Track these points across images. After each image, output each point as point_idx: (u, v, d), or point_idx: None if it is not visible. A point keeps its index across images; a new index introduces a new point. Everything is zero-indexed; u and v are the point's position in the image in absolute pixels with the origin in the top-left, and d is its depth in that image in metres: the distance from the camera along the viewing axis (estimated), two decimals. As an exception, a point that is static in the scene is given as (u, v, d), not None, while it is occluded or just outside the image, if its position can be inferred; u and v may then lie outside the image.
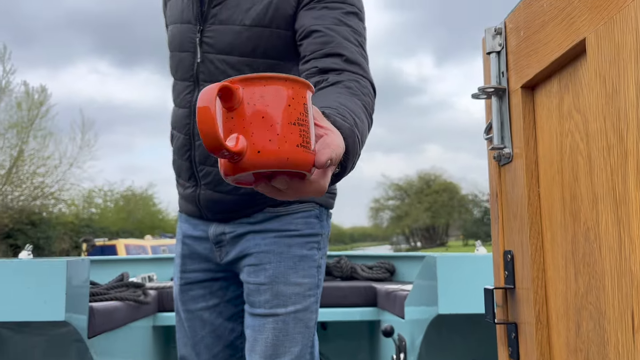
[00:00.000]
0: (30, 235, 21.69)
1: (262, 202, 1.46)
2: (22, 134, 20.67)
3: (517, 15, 0.93)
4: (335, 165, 0.79)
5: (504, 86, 0.96)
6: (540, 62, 0.83)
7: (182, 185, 1.60)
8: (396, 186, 52.55)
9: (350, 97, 1.11)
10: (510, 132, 0.94)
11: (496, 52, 0.99)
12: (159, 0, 1.65)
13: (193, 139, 1.48)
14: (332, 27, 1.26)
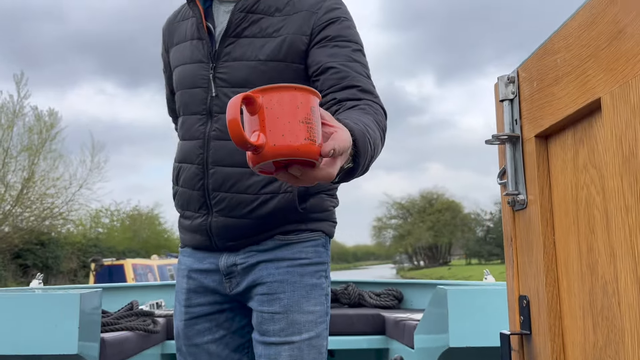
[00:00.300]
0: (40, 255, 21.88)
1: (273, 226, 1.49)
2: (33, 157, 20.92)
3: (530, 66, 0.95)
4: (340, 156, 0.91)
5: (517, 134, 0.98)
6: (554, 115, 0.85)
7: (188, 218, 1.59)
8: (399, 205, 52.49)
9: (364, 114, 1.26)
10: (524, 179, 0.96)
11: (509, 100, 1.01)
12: (163, 18, 1.68)
13: (207, 167, 1.49)
14: (346, 63, 1.39)
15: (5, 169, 20.14)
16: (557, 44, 0.85)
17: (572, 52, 0.80)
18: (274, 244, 1.50)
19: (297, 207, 1.48)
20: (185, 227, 1.61)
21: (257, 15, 1.46)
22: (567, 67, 0.81)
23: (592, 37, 0.74)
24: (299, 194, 1.47)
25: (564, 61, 0.82)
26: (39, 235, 21.80)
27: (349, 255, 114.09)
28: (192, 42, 1.54)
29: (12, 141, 20.38)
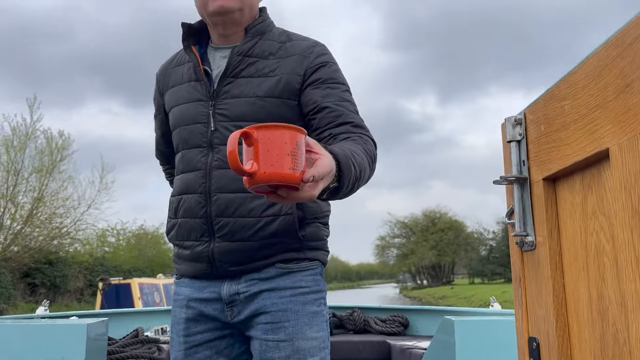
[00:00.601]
0: (48, 274, 21.97)
1: (275, 251, 1.54)
2: (44, 178, 21.11)
3: (537, 110, 0.95)
4: (322, 180, 1.12)
5: (525, 175, 0.98)
6: (562, 160, 0.85)
7: (188, 247, 1.61)
8: (402, 224, 52.33)
9: (354, 143, 1.42)
10: (532, 220, 0.96)
11: (516, 141, 1.02)
12: (168, 42, 1.75)
13: (209, 195, 1.55)
14: (339, 103, 1.54)
15: (16, 190, 20.36)
16: (564, 91, 0.86)
17: (579, 101, 0.81)
18: (276, 272, 1.55)
19: (297, 230, 1.54)
20: (183, 257, 1.63)
21: (253, 59, 1.58)
22: (575, 114, 0.82)
23: (599, 87, 0.75)
24: (298, 218, 1.54)
25: (572, 108, 0.83)
26: (48, 254, 21.93)
27: (352, 274, 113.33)
28: (189, 84, 1.63)
29: (24, 163, 20.67)
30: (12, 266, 20.15)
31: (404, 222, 52.53)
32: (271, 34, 1.62)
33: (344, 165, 1.24)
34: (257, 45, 1.59)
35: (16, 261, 20.44)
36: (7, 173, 20.11)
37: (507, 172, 1.04)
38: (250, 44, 1.59)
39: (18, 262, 20.53)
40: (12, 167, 20.19)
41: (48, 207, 21.68)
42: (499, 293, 29.55)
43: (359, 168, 1.32)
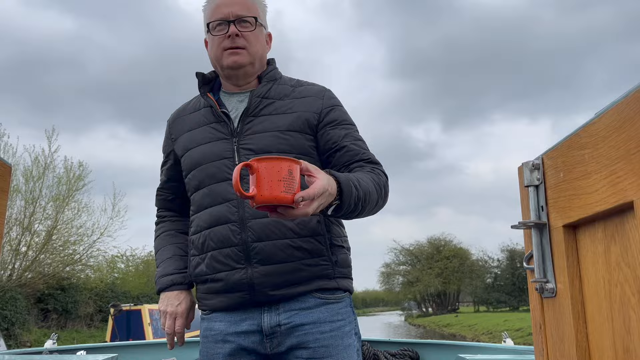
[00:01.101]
0: (60, 299, 22.16)
1: (311, 276, 1.60)
2: (60, 206, 21.37)
3: (555, 155, 0.94)
4: (314, 199, 1.30)
5: (544, 221, 0.97)
6: (583, 209, 0.84)
7: (220, 279, 1.61)
8: (407, 251, 52.00)
9: (363, 173, 1.59)
10: (552, 267, 0.94)
11: (534, 186, 1.00)
12: (175, 70, 1.83)
13: (244, 222, 1.59)
14: (354, 142, 1.70)
15: (32, 218, 20.58)
16: (584, 139, 0.85)
17: (600, 151, 0.80)
18: (314, 303, 1.61)
19: (330, 252, 1.62)
20: (215, 290, 1.64)
21: (270, 100, 1.72)
22: (596, 164, 0.81)
23: (621, 139, 0.74)
24: (328, 239, 1.64)
25: (592, 158, 0.82)
26: (60, 280, 22.10)
27: (358, 301, 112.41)
28: (209, 125, 1.72)
29: (42, 192, 20.95)
30: (27, 292, 20.35)
31: (409, 250, 52.22)
32: (282, 80, 1.79)
33: (343, 185, 1.41)
34: (273, 89, 1.74)
35: (31, 287, 20.60)
36: (26, 202, 20.44)
37: (525, 216, 1.03)
38: (267, 88, 1.73)
39: (33, 288, 20.69)
40: (30, 196, 20.53)
41: (62, 234, 21.89)
42: (502, 321, 29.18)
43: (362, 190, 1.48)
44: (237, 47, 1.68)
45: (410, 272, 51.11)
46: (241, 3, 1.71)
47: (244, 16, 1.69)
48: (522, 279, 43.07)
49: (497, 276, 46.65)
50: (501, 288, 44.55)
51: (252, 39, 1.70)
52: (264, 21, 1.78)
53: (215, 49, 1.71)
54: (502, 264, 46.51)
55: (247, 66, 1.71)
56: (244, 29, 1.69)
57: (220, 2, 1.72)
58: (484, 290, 46.21)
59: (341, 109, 1.76)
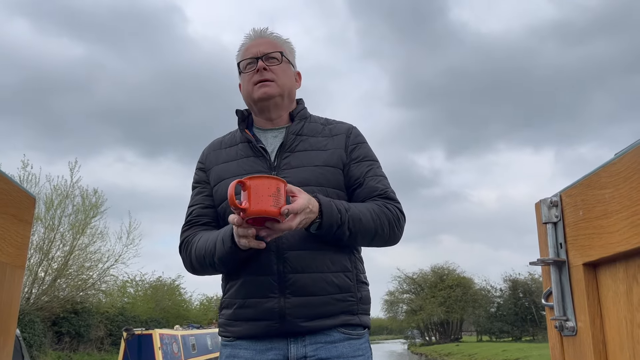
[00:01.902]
0: (73, 323, 22.37)
1: (339, 310, 1.62)
2: (77, 233, 21.80)
3: (574, 193, 0.94)
4: (297, 215, 1.44)
5: (563, 259, 0.96)
6: (604, 248, 0.83)
7: (252, 306, 1.60)
8: (411, 280, 51.55)
9: (364, 204, 1.68)
10: (572, 305, 0.93)
11: (552, 223, 0.99)
12: (182, 97, 1.87)
13: (281, 253, 1.60)
14: (374, 177, 1.76)
15: (50, 244, 20.99)
16: (604, 179, 0.84)
17: (621, 192, 0.79)
18: (339, 337, 1.62)
19: (356, 286, 1.66)
20: (244, 316, 1.63)
21: (305, 137, 1.79)
22: (617, 204, 0.80)
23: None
24: (356, 278, 1.68)
25: (613, 198, 0.81)
26: (74, 304, 22.31)
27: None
28: (248, 159, 1.76)
29: (61, 220, 21.48)
30: (44, 315, 20.53)
31: (412, 278, 51.78)
32: (312, 118, 1.87)
33: (324, 206, 1.53)
34: (305, 126, 1.82)
35: (48, 311, 20.80)
36: (45, 229, 20.86)
37: (543, 253, 1.02)
38: (300, 125, 1.81)
39: (49, 311, 20.89)
40: (50, 223, 21.01)
41: (77, 260, 22.20)
42: (500, 351, 28.76)
43: (350, 216, 1.58)
44: (265, 79, 1.77)
45: (414, 300, 50.60)
46: (268, 42, 1.82)
47: (270, 52, 1.79)
48: (524, 309, 42.55)
49: (499, 306, 46.10)
50: (504, 318, 43.97)
51: (279, 72, 1.79)
52: (292, 59, 1.88)
53: (247, 85, 1.80)
54: (504, 294, 46.00)
55: (277, 97, 1.78)
56: (271, 63, 1.79)
57: (249, 44, 1.83)
58: (486, 320, 45.65)
59: (365, 146, 1.84)
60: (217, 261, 1.61)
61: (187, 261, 1.75)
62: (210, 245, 1.63)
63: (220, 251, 1.58)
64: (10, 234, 0.86)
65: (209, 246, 1.63)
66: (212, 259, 1.62)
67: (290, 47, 1.89)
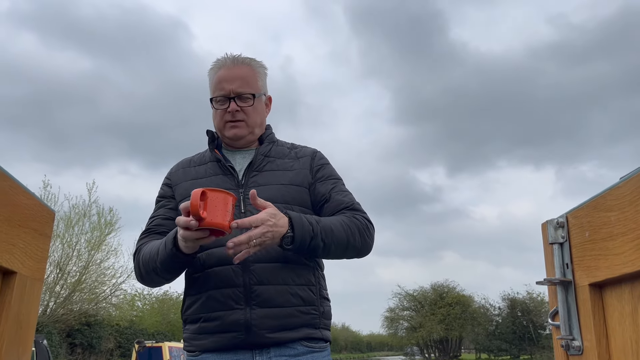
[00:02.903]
0: (86, 335, 22.73)
1: (302, 322, 1.62)
2: (92, 250, 22.18)
3: (580, 215, 0.93)
4: (240, 228, 1.45)
5: (569, 279, 0.95)
6: (610, 269, 0.82)
7: (217, 318, 1.58)
8: (411, 297, 51.21)
9: (334, 217, 1.70)
10: (578, 324, 0.92)
11: (559, 244, 0.99)
12: (186, 110, 1.90)
13: (247, 266, 1.59)
14: (340, 193, 1.79)
15: (67, 260, 21.40)
16: (609, 202, 0.84)
17: (626, 215, 0.79)
18: (303, 350, 1.62)
19: (319, 300, 1.66)
20: (209, 330, 1.60)
21: (272, 158, 1.83)
22: (622, 227, 0.80)
23: (650, 204, 0.74)
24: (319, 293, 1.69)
25: (619, 221, 0.81)
26: (88, 317, 22.58)
27: (362, 345, 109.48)
28: (216, 176, 1.78)
29: (79, 238, 21.98)
30: (61, 327, 20.92)
31: (413, 295, 51.44)
32: (279, 142, 1.92)
33: (294, 220, 1.54)
34: (273, 149, 1.86)
35: (64, 323, 21.14)
36: (62, 246, 21.34)
37: (549, 273, 1.01)
38: (268, 148, 1.85)
39: (66, 324, 21.26)
40: (67, 240, 21.50)
41: (92, 274, 22.52)
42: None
43: (321, 228, 1.58)
44: (236, 120, 1.79)
45: (414, 317, 50.22)
46: (241, 78, 1.79)
47: (243, 93, 1.79)
48: (522, 328, 42.17)
49: (498, 324, 45.71)
50: (502, 336, 43.56)
51: (250, 112, 1.81)
52: (264, 87, 1.87)
53: (218, 121, 1.82)
54: (502, 313, 45.64)
55: (247, 136, 1.83)
56: (243, 104, 1.79)
57: (222, 77, 1.79)
58: (485, 338, 45.21)
59: (329, 167, 1.89)
60: (160, 265, 1.58)
61: (136, 268, 1.73)
62: (154, 250, 1.61)
63: (162, 255, 1.56)
64: (31, 248, 0.86)
65: (153, 251, 1.62)
66: (155, 264, 1.60)
67: (263, 70, 1.88)
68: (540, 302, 42.44)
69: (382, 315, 51.64)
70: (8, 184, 0.80)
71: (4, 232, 0.78)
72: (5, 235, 0.78)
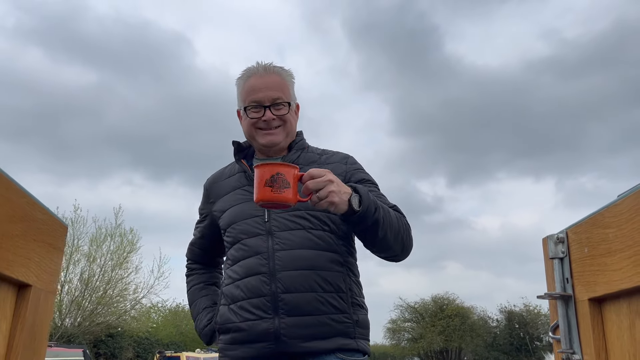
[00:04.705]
0: (109, 345, 23.38)
1: (335, 331, 1.52)
2: (116, 266, 22.87)
3: (580, 231, 0.91)
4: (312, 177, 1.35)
5: (569, 293, 0.92)
6: (609, 285, 0.80)
7: (244, 329, 1.53)
8: (412, 309, 50.74)
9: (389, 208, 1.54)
10: (578, 338, 0.89)
11: (559, 259, 0.96)
12: (189, 123, 1.85)
13: (274, 274, 1.52)
14: (379, 197, 1.62)
15: (91, 277, 22.05)
16: (607, 219, 0.82)
17: (624, 231, 0.76)
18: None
19: (350, 308, 1.55)
20: (240, 340, 1.55)
21: (300, 165, 1.62)
22: (620, 244, 0.77)
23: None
24: (350, 300, 1.57)
25: (616, 237, 0.78)
26: (110, 328, 23.17)
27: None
28: (243, 188, 1.70)
29: (105, 256, 22.67)
30: (89, 339, 21.73)
31: (414, 307, 50.97)
32: (310, 149, 1.79)
33: (359, 188, 1.41)
34: (302, 156, 1.74)
35: (92, 334, 21.93)
36: (89, 264, 22.12)
37: (550, 288, 0.98)
38: (297, 155, 1.73)
39: (93, 335, 22.06)
40: (92, 257, 22.20)
41: (115, 290, 23.09)
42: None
43: (381, 207, 1.45)
44: (271, 128, 1.68)
45: (415, 328, 49.72)
46: (275, 87, 1.68)
47: (278, 100, 1.67)
48: (519, 339, 41.64)
49: (496, 336, 45.19)
50: (500, 347, 43.05)
51: (288, 119, 1.70)
52: (294, 95, 1.76)
53: (250, 128, 1.70)
54: (500, 325, 45.14)
55: (282, 142, 1.71)
56: (278, 112, 1.67)
57: (255, 85, 1.68)
58: (484, 349, 44.68)
59: (363, 171, 1.74)
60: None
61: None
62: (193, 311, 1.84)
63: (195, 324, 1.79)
64: (45, 262, 0.84)
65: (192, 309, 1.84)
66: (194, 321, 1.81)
67: (292, 80, 1.77)
68: (537, 315, 41.98)
69: (384, 326, 51.10)
70: (26, 200, 0.78)
71: (20, 247, 0.76)
72: (22, 249, 0.77)
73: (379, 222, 1.43)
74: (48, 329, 0.87)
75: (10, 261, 0.73)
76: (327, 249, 1.58)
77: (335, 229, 1.61)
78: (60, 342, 17.85)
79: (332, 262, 1.57)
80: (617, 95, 53.76)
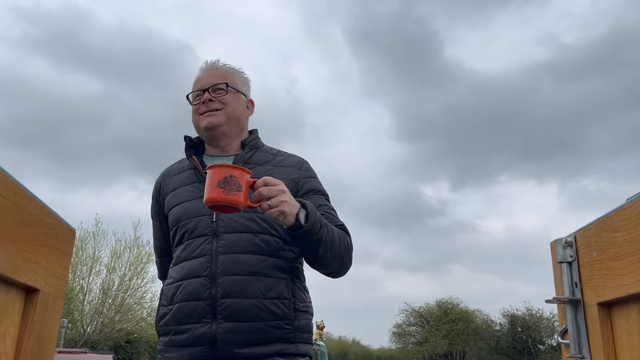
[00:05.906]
0: (128, 350, 23.86)
1: (274, 337, 1.46)
2: (134, 276, 23.45)
3: (588, 235, 0.88)
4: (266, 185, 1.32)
5: (578, 297, 0.89)
6: (618, 289, 0.77)
7: (185, 331, 1.47)
8: (417, 313, 50.48)
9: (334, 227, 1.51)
10: (588, 343, 0.86)
11: (567, 263, 0.94)
12: (191, 129, 1.75)
13: (215, 278, 1.47)
14: (328, 211, 1.61)
15: (110, 286, 22.60)
16: (616, 223, 0.79)
17: (632, 235, 0.74)
18: None
19: (292, 314, 1.49)
20: (178, 343, 1.49)
21: (252, 165, 1.64)
22: (629, 247, 0.74)
23: (658, 225, 0.69)
24: (292, 303, 1.51)
25: (625, 241, 0.76)
26: (128, 334, 23.63)
27: (373, 359, 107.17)
28: (192, 185, 1.64)
29: (124, 267, 23.17)
30: (110, 345, 22.19)
31: (419, 312, 50.71)
32: (264, 148, 1.73)
33: (307, 204, 1.39)
34: (254, 155, 1.68)
35: (112, 340, 22.37)
36: (109, 274, 22.70)
37: (558, 292, 0.95)
38: (249, 154, 1.68)
39: (113, 340, 22.49)
40: (112, 267, 22.81)
41: (133, 298, 23.73)
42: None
43: (326, 224, 1.44)
44: (210, 109, 1.65)
45: (420, 332, 49.43)
46: (216, 75, 1.70)
47: (216, 84, 1.67)
48: (522, 342, 41.34)
49: (499, 339, 44.87)
50: (503, 351, 42.73)
51: (226, 99, 1.67)
52: (242, 88, 1.74)
53: (194, 115, 1.69)
54: (503, 328, 44.82)
55: (223, 126, 1.66)
56: (217, 94, 1.67)
57: (200, 77, 1.72)
58: (487, 352, 44.36)
59: (317, 180, 1.70)
60: None
61: None
62: None
63: None
64: (54, 266, 0.83)
65: None
66: None
67: (241, 76, 1.75)
68: (539, 318, 41.69)
69: (390, 330, 50.81)
70: (34, 205, 0.77)
71: (29, 252, 0.75)
72: (30, 254, 0.75)
73: (322, 240, 1.41)
74: (56, 333, 0.85)
75: (18, 266, 0.72)
76: (271, 254, 1.52)
77: (283, 235, 1.55)
78: (84, 347, 18.09)
79: (275, 268, 1.51)
80: (618, 98, 53.32)
